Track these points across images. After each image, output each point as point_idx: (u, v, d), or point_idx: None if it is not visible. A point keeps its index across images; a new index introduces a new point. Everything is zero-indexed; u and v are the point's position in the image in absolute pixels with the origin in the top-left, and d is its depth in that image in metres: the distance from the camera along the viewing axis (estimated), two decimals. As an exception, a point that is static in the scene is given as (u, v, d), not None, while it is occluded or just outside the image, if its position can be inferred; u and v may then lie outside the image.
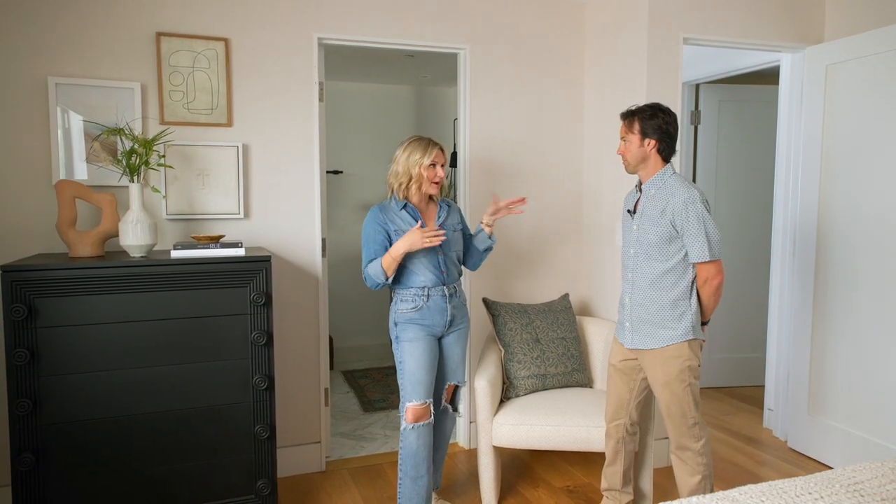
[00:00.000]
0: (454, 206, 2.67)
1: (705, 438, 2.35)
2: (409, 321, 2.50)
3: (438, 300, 2.51)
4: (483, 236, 2.68)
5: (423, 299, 2.50)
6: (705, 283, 2.30)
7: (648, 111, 2.30)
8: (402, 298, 2.52)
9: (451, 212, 2.64)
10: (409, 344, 2.50)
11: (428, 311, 2.51)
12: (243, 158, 2.94)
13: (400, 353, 2.52)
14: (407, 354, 2.49)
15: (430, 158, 2.47)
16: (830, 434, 3.17)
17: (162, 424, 2.46)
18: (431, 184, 2.50)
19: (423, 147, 2.48)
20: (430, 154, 2.47)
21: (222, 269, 2.49)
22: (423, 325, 2.51)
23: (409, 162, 2.47)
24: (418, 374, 2.48)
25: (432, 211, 2.59)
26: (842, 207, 3.10)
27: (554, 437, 2.73)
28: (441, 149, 2.51)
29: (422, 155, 2.47)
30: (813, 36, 3.33)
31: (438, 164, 2.49)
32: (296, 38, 2.99)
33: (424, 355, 2.50)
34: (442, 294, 2.52)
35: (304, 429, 3.15)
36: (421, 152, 2.47)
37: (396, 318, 2.53)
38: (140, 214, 2.48)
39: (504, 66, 3.34)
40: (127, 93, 2.73)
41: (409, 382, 2.49)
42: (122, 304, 2.38)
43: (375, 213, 2.51)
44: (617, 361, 2.50)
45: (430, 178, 2.49)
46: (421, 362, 2.49)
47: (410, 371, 2.49)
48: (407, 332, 2.50)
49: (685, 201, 2.22)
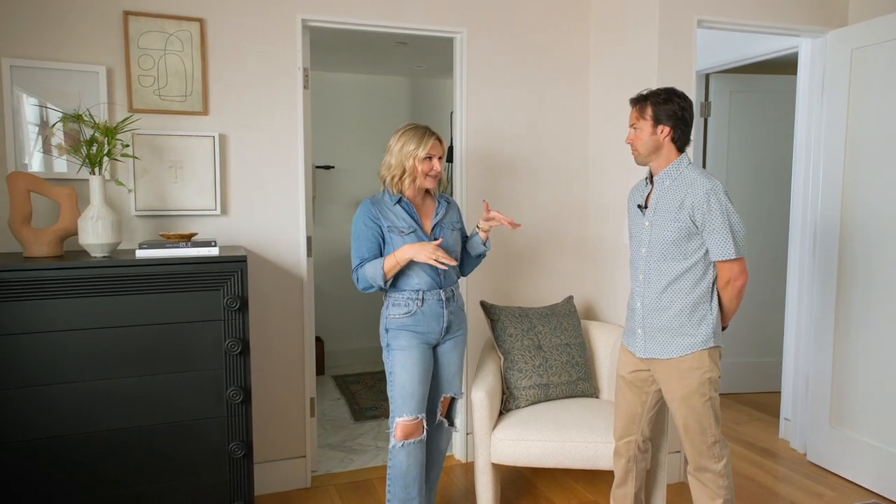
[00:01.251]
0: (453, 203, 2.46)
1: (726, 458, 2.13)
2: (401, 327, 2.28)
3: (434, 305, 2.29)
4: (477, 241, 2.43)
5: (418, 304, 2.28)
6: (727, 285, 2.07)
7: (662, 95, 2.07)
8: (394, 302, 2.30)
9: (450, 209, 2.41)
10: (400, 353, 2.27)
11: (422, 316, 2.28)
12: (220, 150, 2.70)
13: (391, 362, 2.30)
14: (398, 364, 2.28)
15: (426, 150, 2.24)
16: (855, 448, 2.95)
17: (127, 442, 2.23)
18: (426, 177, 2.27)
19: (419, 137, 2.25)
20: (425, 145, 2.24)
21: (193, 270, 2.26)
22: (417, 333, 2.29)
23: (403, 153, 2.25)
24: (410, 387, 2.26)
25: (429, 207, 2.37)
26: (868, 203, 2.87)
27: (558, 454, 2.51)
28: (439, 139, 2.28)
29: (416, 146, 2.24)
30: (836, 19, 3.10)
31: (435, 156, 2.26)
32: (278, 19, 2.76)
33: (417, 366, 2.27)
34: (438, 298, 2.30)
35: (287, 442, 2.92)
36: (416, 143, 2.24)
37: (388, 324, 2.31)
38: (101, 210, 2.25)
39: (503, 52, 3.11)
40: (91, 77, 2.49)
41: (399, 395, 2.27)
42: (81, 309, 2.15)
43: (367, 208, 2.29)
44: (627, 373, 2.27)
45: (424, 172, 2.26)
46: (413, 373, 2.26)
47: (401, 383, 2.27)
48: (399, 340, 2.28)
49: (707, 193, 2.00)
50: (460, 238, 2.44)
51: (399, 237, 2.24)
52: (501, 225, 2.33)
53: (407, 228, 2.26)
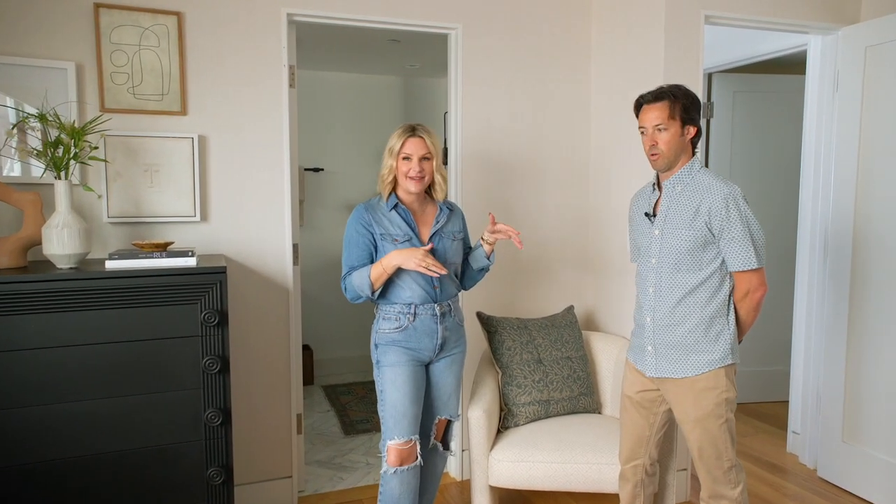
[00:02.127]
0: (457, 211, 2.28)
1: (743, 483, 1.98)
2: (391, 343, 2.12)
3: (427, 320, 2.13)
4: (480, 254, 2.26)
5: (409, 318, 2.11)
6: (745, 297, 1.92)
7: (683, 90, 1.92)
8: (384, 316, 2.15)
9: (453, 217, 2.23)
10: (390, 370, 2.11)
11: (414, 332, 2.12)
12: (200, 152, 2.53)
13: (381, 380, 2.14)
14: (388, 382, 2.11)
15: (401, 148, 2.08)
16: (869, 464, 2.81)
17: (97, 468, 2.05)
18: (407, 179, 2.09)
19: (398, 134, 2.10)
20: (401, 142, 2.08)
21: (168, 282, 2.09)
22: (408, 349, 2.13)
23: (388, 151, 2.11)
24: (402, 406, 2.09)
25: (430, 214, 2.19)
26: (883, 206, 2.73)
27: (560, 477, 2.35)
28: (422, 137, 2.09)
29: (394, 143, 2.09)
30: (847, 16, 2.96)
31: (414, 156, 2.07)
32: (262, 13, 2.59)
33: (408, 383, 2.11)
34: (432, 313, 2.13)
35: (272, 462, 2.75)
36: (395, 140, 2.10)
37: (377, 340, 2.15)
38: (68, 217, 2.07)
39: (500, 49, 2.95)
40: (58, 74, 2.32)
41: (390, 416, 2.10)
42: (46, 325, 1.98)
43: (360, 213, 2.14)
44: (633, 393, 2.11)
45: (403, 173, 2.09)
46: (405, 391, 2.10)
47: (392, 402, 2.10)
48: (388, 356, 2.12)
49: (725, 198, 1.85)
50: (462, 248, 2.26)
51: (392, 245, 2.08)
52: (508, 238, 2.16)
53: (402, 236, 2.10)
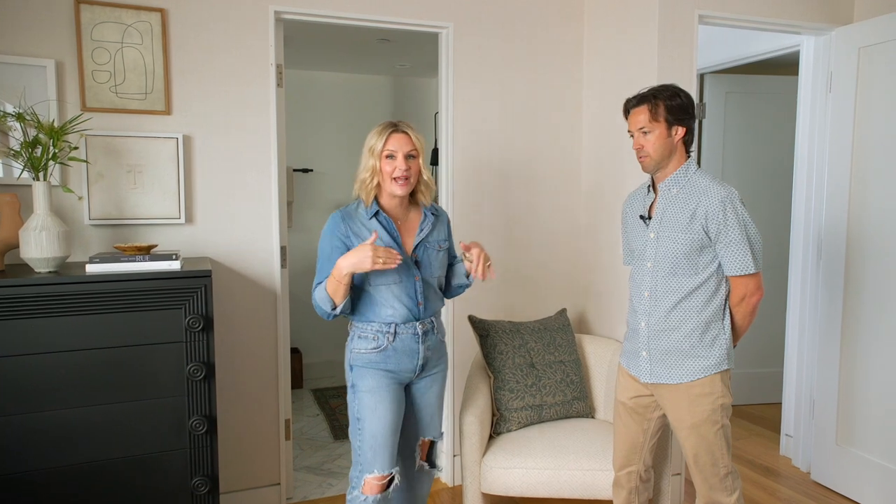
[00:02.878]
0: (442, 216, 2.08)
1: (739, 490, 1.95)
2: (367, 364, 1.94)
3: (408, 340, 1.95)
4: (460, 270, 2.09)
5: (388, 338, 1.93)
6: (742, 302, 1.89)
7: (670, 91, 1.89)
8: (360, 334, 1.96)
9: (438, 224, 2.04)
10: (368, 396, 1.92)
11: (393, 353, 1.94)
12: (184, 152, 2.47)
13: (357, 406, 1.94)
14: (367, 409, 1.92)
15: (383, 145, 1.87)
16: (863, 468, 2.79)
17: (79, 479, 1.99)
18: (392, 181, 1.89)
19: (379, 130, 1.90)
20: (382, 139, 1.88)
21: (151, 286, 2.03)
22: (387, 371, 1.95)
23: (368, 151, 1.91)
24: (381, 437, 1.91)
25: (413, 221, 2.00)
26: (877, 208, 2.72)
27: (553, 483, 2.31)
28: (406, 132, 1.90)
29: (376, 140, 1.89)
30: (841, 15, 2.94)
31: (399, 153, 1.87)
32: (248, 10, 2.53)
33: (389, 411, 1.93)
34: (413, 332, 1.95)
35: (260, 469, 2.69)
36: (376, 137, 1.89)
37: (352, 360, 1.97)
38: (47, 219, 2.01)
39: (492, 48, 2.91)
40: (38, 72, 2.25)
41: (369, 447, 1.91)
42: (25, 331, 1.91)
43: (336, 224, 1.93)
44: (627, 399, 2.08)
45: (388, 173, 1.88)
46: (386, 420, 1.91)
47: (372, 433, 1.91)
48: (366, 380, 1.93)
49: (722, 201, 1.82)
50: (447, 259, 2.08)
51: None
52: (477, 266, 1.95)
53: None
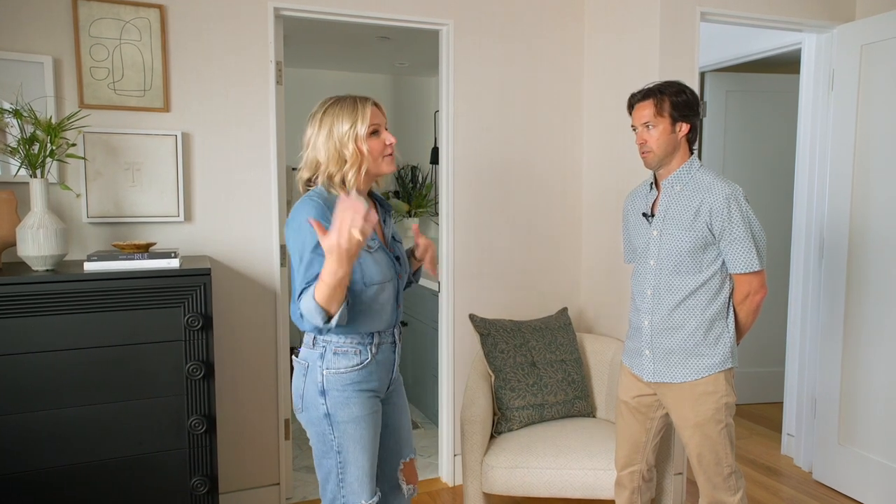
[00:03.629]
0: (389, 205, 1.86)
1: (742, 490, 1.93)
2: (348, 386, 1.63)
3: (387, 350, 1.71)
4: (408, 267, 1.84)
5: (371, 350, 1.66)
6: (746, 300, 1.88)
7: (676, 87, 1.87)
8: (336, 349, 1.63)
9: (390, 214, 1.83)
10: (353, 426, 1.63)
11: (376, 367, 1.67)
12: (183, 150, 2.45)
13: (339, 439, 1.63)
14: (351, 441, 1.63)
15: (367, 123, 1.60)
16: (866, 467, 2.78)
17: (76, 480, 1.97)
18: (384, 159, 1.65)
19: (350, 111, 1.61)
20: (363, 117, 1.60)
21: (150, 285, 2.01)
22: (368, 391, 1.67)
23: (335, 139, 1.61)
24: (368, 467, 1.67)
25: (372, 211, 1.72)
26: (880, 207, 2.70)
27: (555, 484, 2.30)
28: (376, 104, 1.67)
29: (352, 122, 1.60)
30: (843, 13, 2.93)
31: (381, 125, 1.65)
32: (248, 7, 2.52)
33: (374, 440, 1.68)
34: (392, 341, 1.73)
35: (259, 469, 2.67)
36: (350, 119, 1.60)
37: (327, 383, 1.62)
38: (44, 217, 1.99)
39: (492, 46, 2.89)
40: (35, 68, 2.23)
41: (356, 479, 1.65)
42: (22, 330, 1.89)
43: (320, 210, 1.57)
44: (630, 398, 2.06)
45: (379, 151, 1.63)
46: (371, 451, 1.67)
47: (360, 465, 1.65)
48: (348, 408, 1.62)
49: (727, 198, 1.80)
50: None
51: (368, 255, 1.63)
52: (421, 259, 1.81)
53: (374, 242, 1.67)
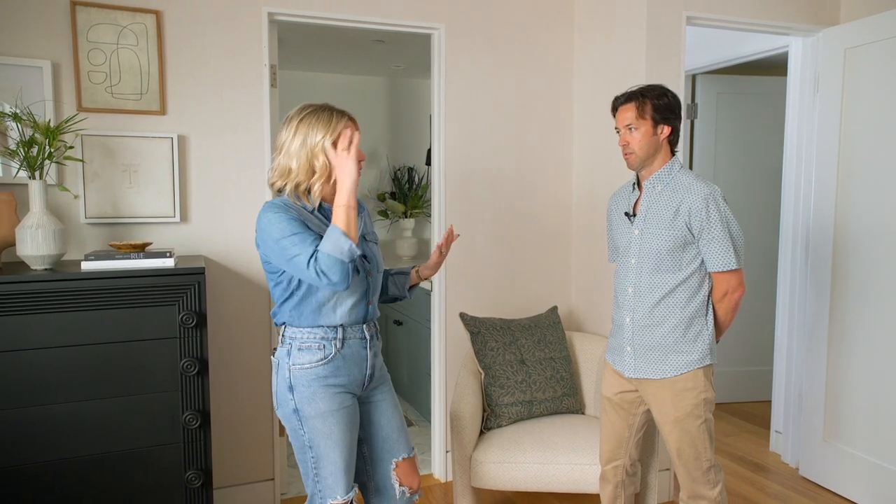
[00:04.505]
0: (366, 207, 1.91)
1: (721, 483, 1.98)
2: (313, 381, 1.68)
3: (356, 346, 1.75)
4: (402, 282, 1.97)
5: (336, 345, 1.71)
6: (724, 297, 1.93)
7: (658, 91, 1.93)
8: (301, 345, 1.69)
9: (366, 215, 1.88)
10: (320, 421, 1.69)
11: (342, 362, 1.72)
12: (179, 152, 2.51)
13: (308, 434, 1.70)
14: (321, 437, 1.69)
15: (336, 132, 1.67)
16: (850, 464, 2.83)
17: (74, 472, 2.03)
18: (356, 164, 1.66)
19: (325, 122, 1.67)
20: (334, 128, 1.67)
21: (145, 283, 2.06)
22: (335, 385, 1.71)
23: (308, 148, 1.66)
24: (342, 462, 1.72)
25: None
26: (864, 207, 2.76)
27: (542, 478, 2.35)
28: (351, 118, 1.73)
29: (325, 133, 1.66)
30: (828, 17, 2.98)
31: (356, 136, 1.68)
32: (242, 11, 2.57)
33: (346, 434, 1.72)
34: (361, 336, 1.76)
35: (254, 464, 2.72)
36: (324, 130, 1.66)
37: (293, 379, 1.69)
38: (43, 218, 2.05)
39: (484, 49, 2.95)
40: (34, 72, 2.29)
41: (329, 474, 1.71)
42: (21, 327, 1.95)
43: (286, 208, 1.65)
44: (613, 394, 2.11)
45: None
46: (343, 446, 1.72)
47: (332, 460, 1.71)
48: (315, 404, 1.68)
49: (706, 198, 1.86)
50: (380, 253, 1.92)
51: None
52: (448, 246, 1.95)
53: None
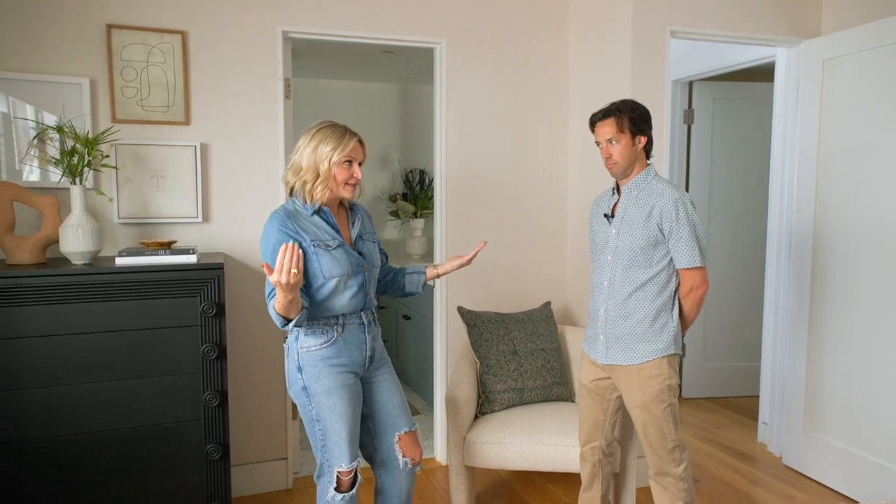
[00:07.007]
0: (365, 210, 2.16)
1: (686, 462, 2.18)
2: (319, 362, 1.93)
3: (355, 330, 2.00)
4: (417, 280, 2.23)
5: (337, 329, 1.96)
6: (690, 293, 2.12)
7: (631, 105, 2.13)
8: (307, 332, 1.95)
9: (365, 218, 2.13)
10: (326, 397, 1.93)
11: (344, 344, 1.97)
12: (202, 159, 2.77)
13: (315, 408, 1.94)
14: (327, 410, 1.93)
15: (344, 153, 1.91)
16: (828, 452, 2.99)
17: (106, 444, 2.29)
18: (345, 186, 1.95)
19: (337, 137, 1.93)
20: (344, 147, 1.91)
21: (171, 277, 2.32)
22: (339, 365, 1.96)
23: (318, 155, 1.91)
24: (346, 433, 1.95)
25: (343, 217, 2.07)
26: (839, 210, 2.92)
27: (529, 457, 2.56)
28: (360, 141, 1.99)
29: (334, 147, 1.91)
30: (809, 29, 3.14)
31: (356, 160, 1.96)
32: (259, 31, 2.82)
33: (349, 408, 1.96)
34: (359, 322, 2.01)
35: (268, 444, 2.98)
36: (333, 144, 1.92)
37: (302, 360, 1.94)
38: (82, 218, 2.31)
39: (483, 61, 3.17)
40: (74, 89, 2.56)
41: (335, 444, 1.95)
42: (62, 315, 2.22)
43: (282, 221, 1.90)
44: (588, 381, 2.32)
45: (342, 180, 1.94)
46: (346, 417, 1.95)
47: (337, 431, 1.94)
48: (321, 381, 1.93)
49: (675, 202, 2.06)
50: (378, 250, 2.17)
51: (326, 252, 1.92)
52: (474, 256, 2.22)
53: (333, 242, 1.95)
